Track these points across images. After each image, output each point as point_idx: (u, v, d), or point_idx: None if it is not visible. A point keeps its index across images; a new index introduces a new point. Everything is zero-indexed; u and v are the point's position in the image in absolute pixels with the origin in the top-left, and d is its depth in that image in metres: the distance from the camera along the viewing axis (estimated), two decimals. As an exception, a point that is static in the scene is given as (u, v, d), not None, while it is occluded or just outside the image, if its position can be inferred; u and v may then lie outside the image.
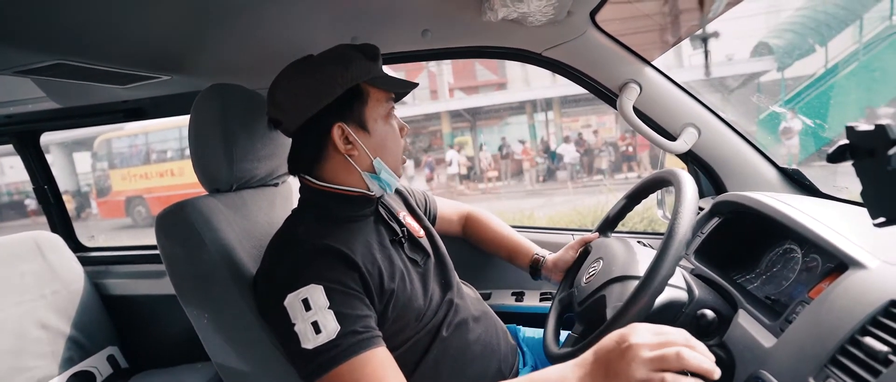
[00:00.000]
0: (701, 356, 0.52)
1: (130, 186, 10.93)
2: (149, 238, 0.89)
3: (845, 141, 0.51)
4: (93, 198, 12.67)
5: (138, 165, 10.92)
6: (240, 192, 0.96)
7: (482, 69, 16.43)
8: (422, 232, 0.95)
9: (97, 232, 10.29)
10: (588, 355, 0.60)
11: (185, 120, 0.95)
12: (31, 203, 13.10)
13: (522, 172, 12.03)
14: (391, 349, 0.75)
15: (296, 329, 0.67)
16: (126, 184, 10.95)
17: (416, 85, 0.87)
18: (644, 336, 0.55)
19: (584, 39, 1.08)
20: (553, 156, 11.82)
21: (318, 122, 0.80)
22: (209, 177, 0.92)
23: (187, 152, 1.02)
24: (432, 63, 13.17)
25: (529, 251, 1.10)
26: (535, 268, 1.07)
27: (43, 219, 1.82)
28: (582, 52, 1.11)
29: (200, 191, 0.94)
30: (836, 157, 0.52)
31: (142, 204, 10.97)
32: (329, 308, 0.67)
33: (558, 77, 1.25)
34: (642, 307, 0.65)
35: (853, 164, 0.51)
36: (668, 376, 0.51)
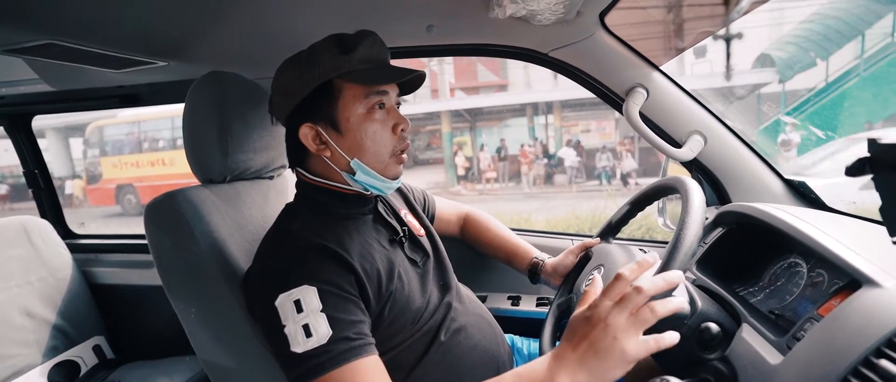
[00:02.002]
0: (654, 280, 0.57)
1: (121, 174, 10.87)
2: (138, 226, 0.86)
3: (866, 154, 0.49)
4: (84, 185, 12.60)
5: (130, 154, 10.85)
6: (233, 184, 0.93)
7: (484, 70, 16.42)
8: (422, 231, 0.92)
9: (87, 219, 10.21)
10: (563, 347, 0.60)
11: (177, 109, 0.92)
12: (2, 187, 12.58)
13: (520, 175, 12.02)
14: (386, 351, 0.72)
15: (286, 330, 0.65)
16: (117, 171, 10.89)
17: (408, 73, 0.75)
18: (601, 300, 0.58)
19: (592, 41, 1.06)
20: (553, 159, 11.84)
21: (292, 121, 0.77)
22: (202, 166, 0.89)
23: (180, 142, 0.99)
24: (434, 61, 13.14)
25: (528, 253, 1.08)
26: (534, 272, 1.05)
27: (15, 205, 1.79)
28: (589, 54, 1.09)
29: (192, 181, 0.92)
30: (854, 171, 0.50)
31: (132, 192, 10.90)
32: (322, 311, 0.65)
33: (560, 80, 1.23)
34: None
35: (873, 178, 0.49)
36: (642, 311, 0.55)
